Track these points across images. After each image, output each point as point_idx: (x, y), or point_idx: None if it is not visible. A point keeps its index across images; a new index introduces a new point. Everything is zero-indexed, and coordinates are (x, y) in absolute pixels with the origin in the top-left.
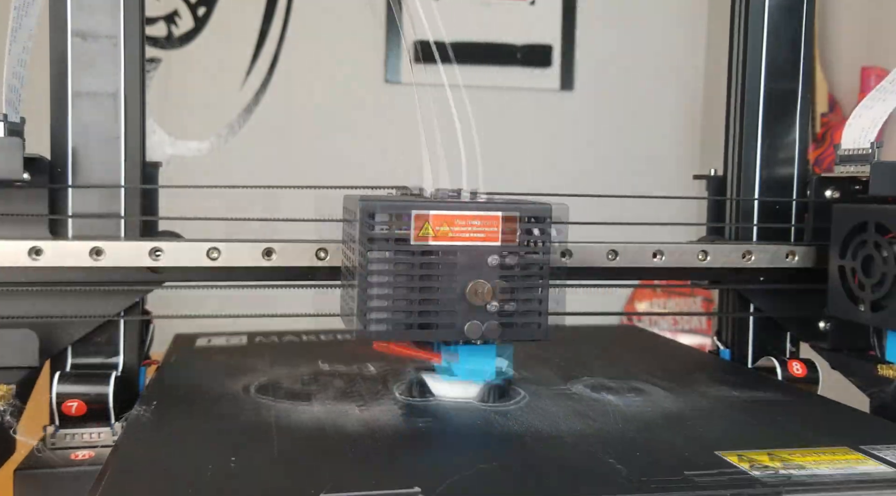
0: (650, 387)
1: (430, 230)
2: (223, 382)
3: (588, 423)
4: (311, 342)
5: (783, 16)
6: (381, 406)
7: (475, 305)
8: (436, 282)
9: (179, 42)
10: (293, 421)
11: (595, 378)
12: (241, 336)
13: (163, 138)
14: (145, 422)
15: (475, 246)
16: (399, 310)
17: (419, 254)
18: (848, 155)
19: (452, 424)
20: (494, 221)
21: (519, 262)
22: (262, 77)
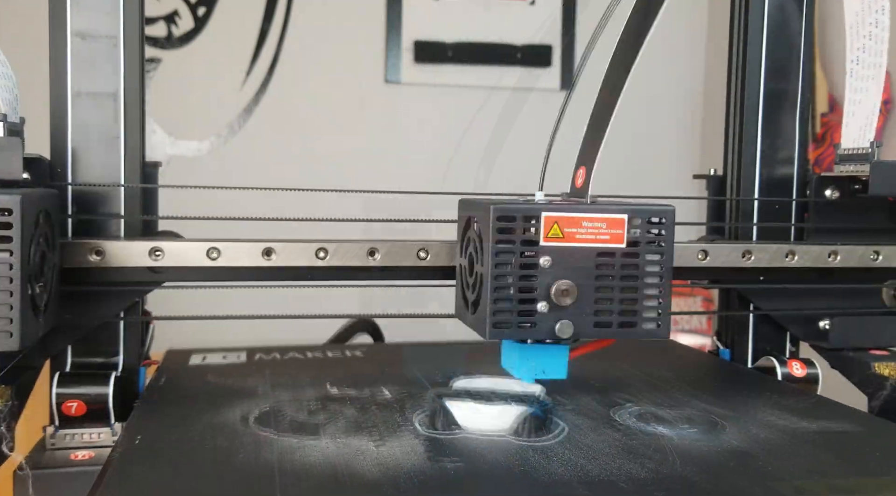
0: (703, 415)
1: (559, 231)
2: (219, 410)
3: (642, 464)
4: (317, 359)
5: (783, 16)
6: (401, 442)
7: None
8: (558, 281)
9: (179, 42)
10: (298, 462)
11: (641, 405)
12: (239, 352)
13: (163, 138)
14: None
15: (602, 247)
16: (525, 310)
17: (547, 254)
18: (847, 154)
19: (486, 466)
20: (620, 223)
21: (641, 263)
22: (262, 77)
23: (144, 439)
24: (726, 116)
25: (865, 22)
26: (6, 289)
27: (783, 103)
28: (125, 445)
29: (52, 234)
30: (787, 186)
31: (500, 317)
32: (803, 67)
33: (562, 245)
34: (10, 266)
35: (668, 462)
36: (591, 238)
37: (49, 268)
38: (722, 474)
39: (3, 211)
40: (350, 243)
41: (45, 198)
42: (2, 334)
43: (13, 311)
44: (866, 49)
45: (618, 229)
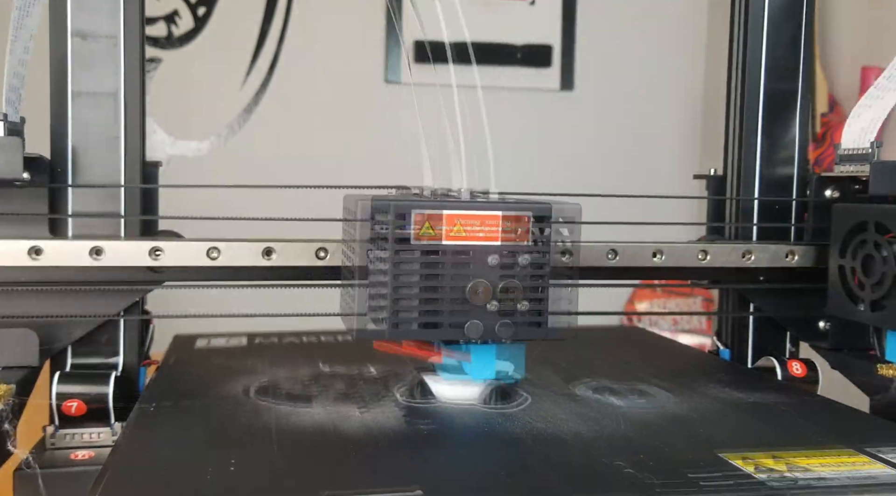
0: (653, 389)
1: (431, 230)
2: (223, 384)
3: (591, 426)
4: (312, 343)
5: (783, 16)
6: (383, 408)
7: (476, 305)
8: (437, 281)
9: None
10: (293, 423)
11: (598, 380)
12: (240, 337)
13: (163, 138)
14: (144, 424)
15: (476, 245)
16: (401, 309)
17: (421, 253)
18: (848, 154)
19: (454, 427)
20: (495, 221)
21: (518, 262)
22: (262, 77)
23: (157, 407)
24: (726, 116)
25: None
26: None
27: (783, 103)
28: (141, 411)
29: None
30: (787, 186)
31: (373, 315)
32: (803, 67)
33: (434, 243)
34: None
35: (613, 424)
36: (465, 236)
37: None
38: (658, 433)
39: None
40: None
41: None
42: None
43: None
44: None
45: (493, 227)
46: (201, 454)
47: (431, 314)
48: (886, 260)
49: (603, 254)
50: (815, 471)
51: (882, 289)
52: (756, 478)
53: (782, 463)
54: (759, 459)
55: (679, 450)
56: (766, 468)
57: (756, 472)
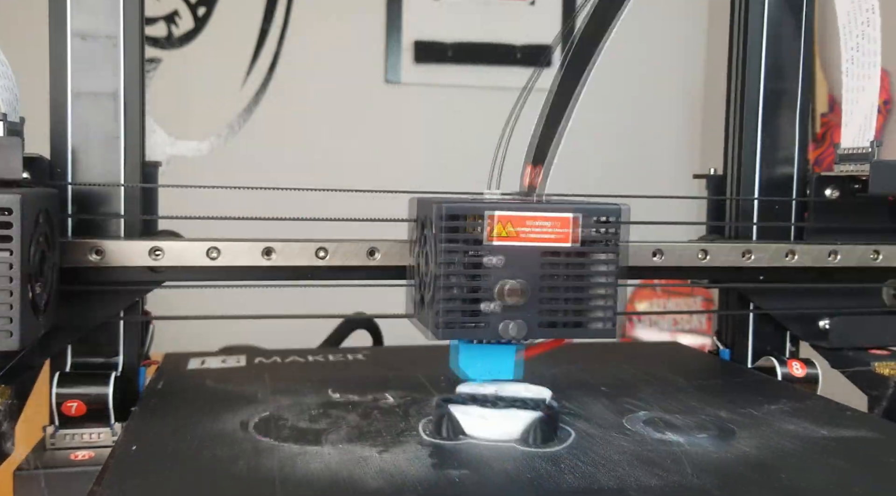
0: (717, 422)
1: (503, 231)
2: (217, 417)
3: (657, 474)
4: (318, 363)
5: (783, 16)
6: (405, 450)
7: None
8: (505, 281)
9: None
10: (300, 471)
11: (652, 411)
12: (238, 356)
13: (163, 138)
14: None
15: (547, 246)
16: (470, 310)
17: (491, 253)
18: (847, 154)
19: (494, 476)
20: (565, 222)
21: (587, 262)
22: (262, 77)
23: (141, 448)
24: (726, 116)
25: (857, 21)
26: (6, 289)
27: (783, 103)
28: (122, 453)
29: (51, 234)
30: (787, 186)
31: (448, 317)
32: (803, 67)
33: (508, 244)
34: (10, 265)
35: (684, 472)
36: (536, 237)
37: (49, 268)
38: (741, 484)
39: (3, 210)
40: (350, 243)
41: (44, 197)
42: (2, 333)
43: (13, 311)
44: (860, 48)
45: (564, 228)
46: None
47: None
48: None
49: None
50: None
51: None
52: None
53: None
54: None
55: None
56: None
57: None
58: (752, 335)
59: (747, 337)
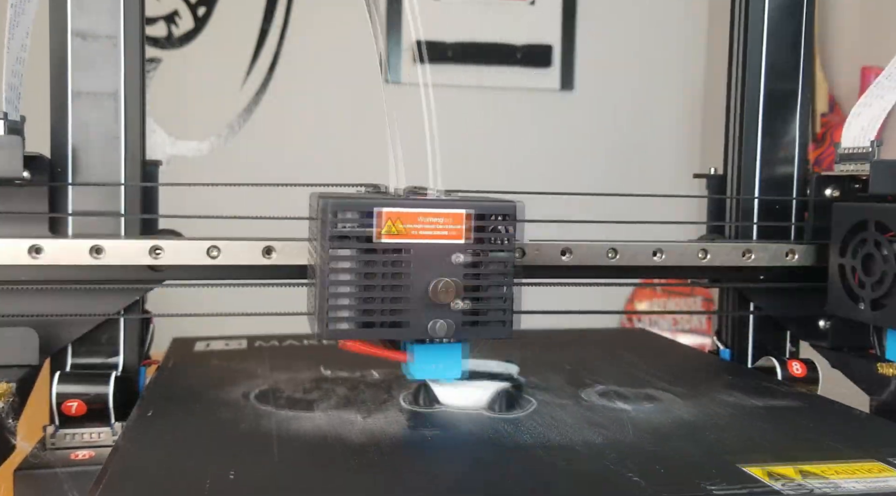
0: (662, 393)
1: (392, 228)
2: (222, 388)
3: (602, 433)
4: (313, 346)
5: (783, 16)
6: (386, 415)
7: (439, 304)
8: (398, 280)
9: (179, 42)
10: (294, 430)
11: (604, 384)
12: (240, 340)
13: (163, 138)
14: (142, 430)
15: (438, 244)
16: (361, 309)
17: (381, 252)
18: (848, 153)
19: (460, 434)
20: (458, 219)
21: (482, 260)
22: (262, 77)
23: (156, 413)
24: (726, 116)
25: None
26: None
27: (783, 103)
28: (132, 428)
29: None
30: (788, 185)
31: (334, 314)
32: (803, 67)
33: (398, 241)
34: None
35: (624, 431)
36: (428, 234)
37: None
38: (672, 441)
39: None
40: None
41: None
42: None
43: None
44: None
45: (457, 225)
46: (200, 463)
47: (397, 313)
48: (886, 258)
49: (603, 253)
50: (832, 479)
51: (882, 288)
52: (771, 486)
53: (797, 472)
54: (780, 471)
55: (691, 458)
56: (780, 476)
57: (770, 481)
58: (752, 335)
59: (747, 337)
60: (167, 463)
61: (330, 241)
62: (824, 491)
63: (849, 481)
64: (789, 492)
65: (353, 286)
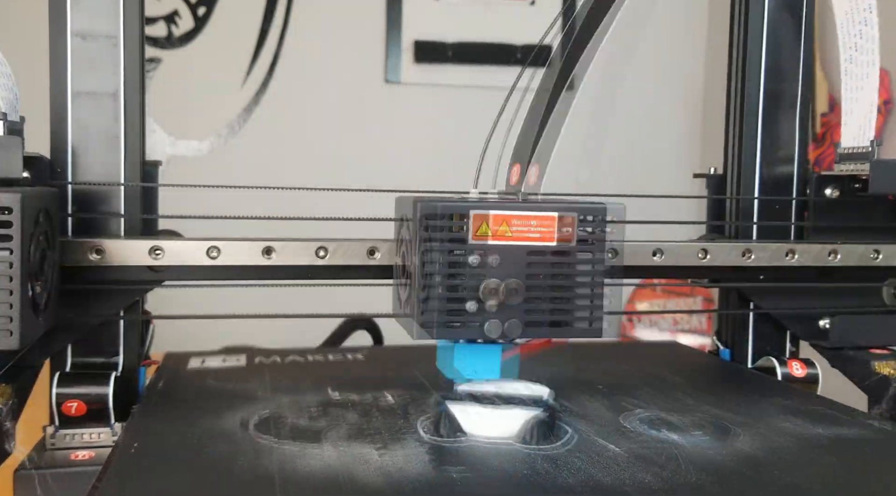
0: (714, 421)
1: (487, 230)
2: (217, 416)
3: (652, 471)
4: (318, 362)
5: (783, 16)
6: (404, 448)
7: (508, 304)
8: (487, 281)
9: (179, 42)
10: (300, 469)
11: (649, 410)
12: (239, 355)
13: (163, 138)
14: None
15: (531, 245)
16: (454, 309)
17: (476, 253)
18: (847, 153)
19: (493, 475)
20: (550, 221)
21: (572, 261)
22: (262, 77)
23: (142, 446)
24: (726, 116)
25: (855, 21)
26: (6, 288)
27: (783, 103)
28: (123, 453)
29: (52, 233)
30: (788, 185)
31: (429, 317)
32: (803, 67)
33: (491, 243)
34: (10, 265)
35: (681, 470)
36: (520, 236)
37: (49, 267)
38: (737, 482)
39: (3, 209)
40: (350, 242)
41: (44, 196)
42: (2, 333)
43: (13, 310)
44: (858, 48)
45: (548, 227)
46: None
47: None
48: None
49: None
50: None
51: None
52: None
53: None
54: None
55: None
56: None
57: None
58: (752, 335)
59: (747, 337)
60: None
61: (428, 244)
62: None
63: None
64: None
65: (445, 287)
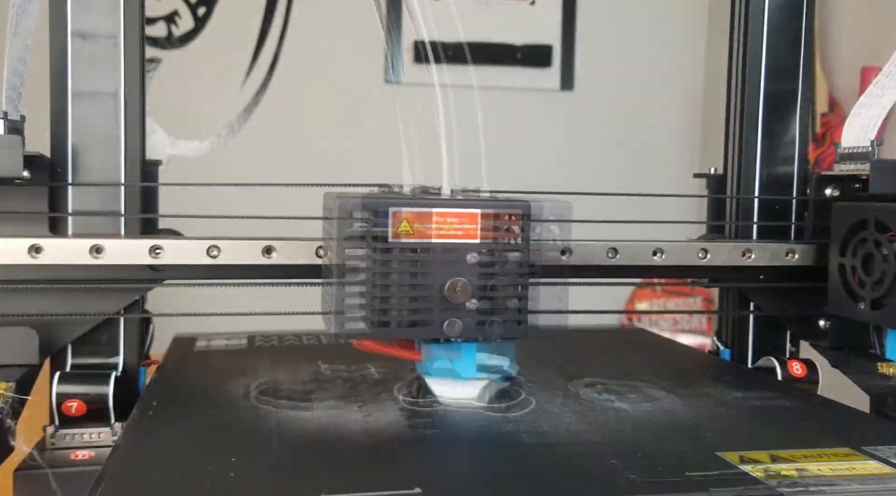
0: (655, 390)
1: (408, 227)
2: (223, 386)
3: (595, 428)
4: (312, 344)
5: (783, 16)
6: (384, 410)
7: (454, 303)
8: (414, 280)
9: (179, 42)
10: (294, 426)
11: (600, 381)
12: (240, 337)
13: (163, 138)
14: (144, 426)
15: (453, 243)
16: (376, 308)
17: (397, 251)
18: (848, 153)
19: (456, 429)
20: (473, 218)
21: (498, 260)
22: (262, 77)
23: (156, 412)
24: (726, 116)
25: None
26: None
27: (783, 103)
28: (135, 421)
29: None
30: (788, 185)
31: (350, 313)
32: (803, 67)
33: (412, 241)
34: None
35: (613, 424)
36: (443, 234)
37: None
38: (658, 433)
39: None
40: None
41: None
42: None
43: None
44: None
45: (471, 224)
46: (201, 459)
47: (412, 313)
48: (887, 258)
49: (603, 253)
50: (811, 468)
51: (882, 288)
52: (752, 475)
53: (778, 461)
54: (756, 457)
55: (677, 449)
56: (761, 466)
57: (752, 470)
58: (752, 335)
59: (747, 337)
60: (167, 462)
61: (346, 241)
62: (801, 477)
63: (825, 468)
64: (767, 478)
65: (369, 286)
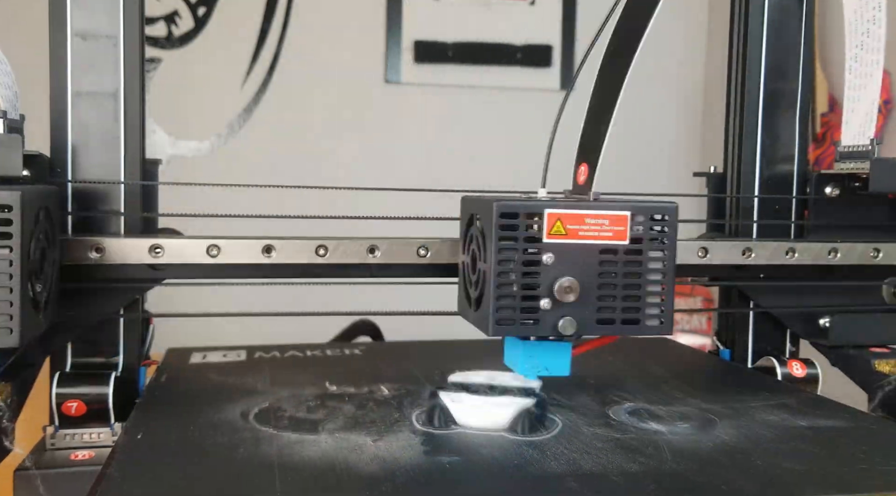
0: (697, 412)
1: (562, 229)
2: (219, 407)
3: (634, 458)
4: (316, 358)
5: (783, 16)
6: (398, 438)
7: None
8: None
9: (179, 42)
10: (298, 456)
11: (636, 402)
12: (239, 351)
13: (163, 138)
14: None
15: (600, 244)
16: (528, 307)
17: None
18: (848, 152)
19: (481, 460)
20: (622, 220)
21: (643, 260)
22: (262, 77)
23: (146, 436)
24: (726, 115)
25: (863, 19)
26: (6, 286)
27: (783, 102)
28: (126, 443)
29: (52, 231)
30: (788, 184)
31: (503, 313)
32: (803, 67)
33: (565, 242)
34: (10, 262)
35: (662, 458)
36: (593, 235)
37: (49, 265)
38: (715, 469)
39: (4, 207)
40: (350, 240)
41: (45, 194)
42: (2, 331)
43: (13, 308)
44: (864, 46)
45: (620, 226)
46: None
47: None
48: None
49: None
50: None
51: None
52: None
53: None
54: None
55: (739, 487)
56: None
57: None
58: (752, 335)
59: (747, 336)
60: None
61: (499, 242)
62: None
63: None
64: None
65: (517, 285)
